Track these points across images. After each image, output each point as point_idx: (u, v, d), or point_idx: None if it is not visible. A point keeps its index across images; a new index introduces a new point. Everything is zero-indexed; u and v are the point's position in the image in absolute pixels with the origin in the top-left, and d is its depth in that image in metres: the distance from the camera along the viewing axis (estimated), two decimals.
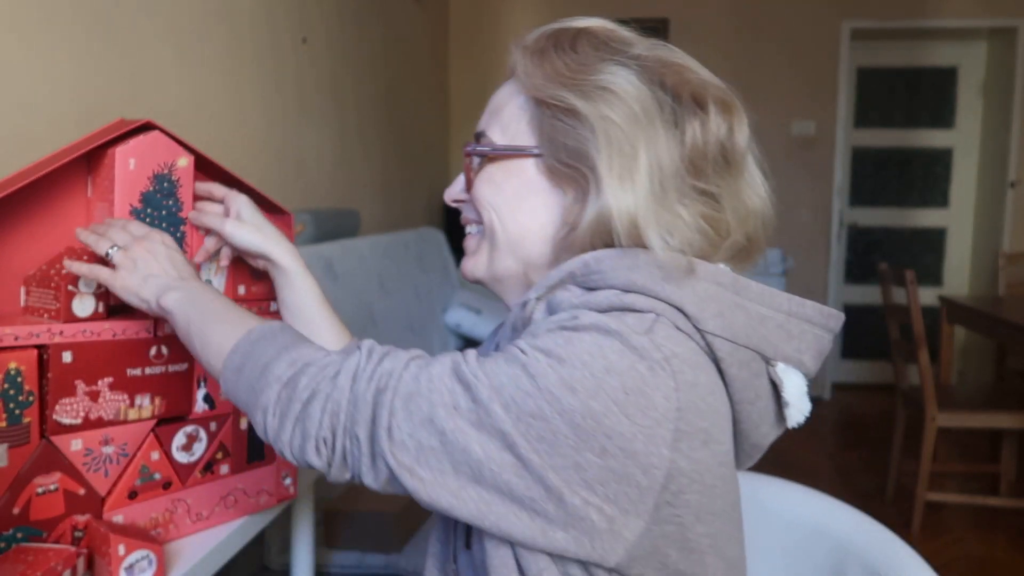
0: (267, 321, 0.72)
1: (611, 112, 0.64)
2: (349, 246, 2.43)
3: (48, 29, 1.32)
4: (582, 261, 0.65)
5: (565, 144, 0.66)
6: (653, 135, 0.64)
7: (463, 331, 3.14)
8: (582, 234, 0.66)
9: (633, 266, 0.63)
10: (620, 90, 0.65)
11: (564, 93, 0.66)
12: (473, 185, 0.72)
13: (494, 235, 0.71)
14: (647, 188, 0.63)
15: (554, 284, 0.66)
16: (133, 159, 0.83)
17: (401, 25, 3.48)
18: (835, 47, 4.36)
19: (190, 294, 0.75)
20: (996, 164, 4.39)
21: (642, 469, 0.57)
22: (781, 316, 0.66)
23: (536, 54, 0.69)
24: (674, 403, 0.58)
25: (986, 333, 2.93)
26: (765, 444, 0.70)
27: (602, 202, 0.64)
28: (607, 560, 0.59)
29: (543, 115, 0.68)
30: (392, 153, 3.36)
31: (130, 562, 0.78)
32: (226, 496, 0.96)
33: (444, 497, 0.59)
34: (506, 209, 0.70)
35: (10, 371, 0.75)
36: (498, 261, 0.72)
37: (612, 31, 0.71)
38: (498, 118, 0.72)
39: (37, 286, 0.81)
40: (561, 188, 0.68)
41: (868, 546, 0.89)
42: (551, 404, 0.57)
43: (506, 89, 0.73)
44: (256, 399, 0.65)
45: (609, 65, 0.66)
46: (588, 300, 0.63)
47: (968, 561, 2.56)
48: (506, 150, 0.71)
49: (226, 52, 1.94)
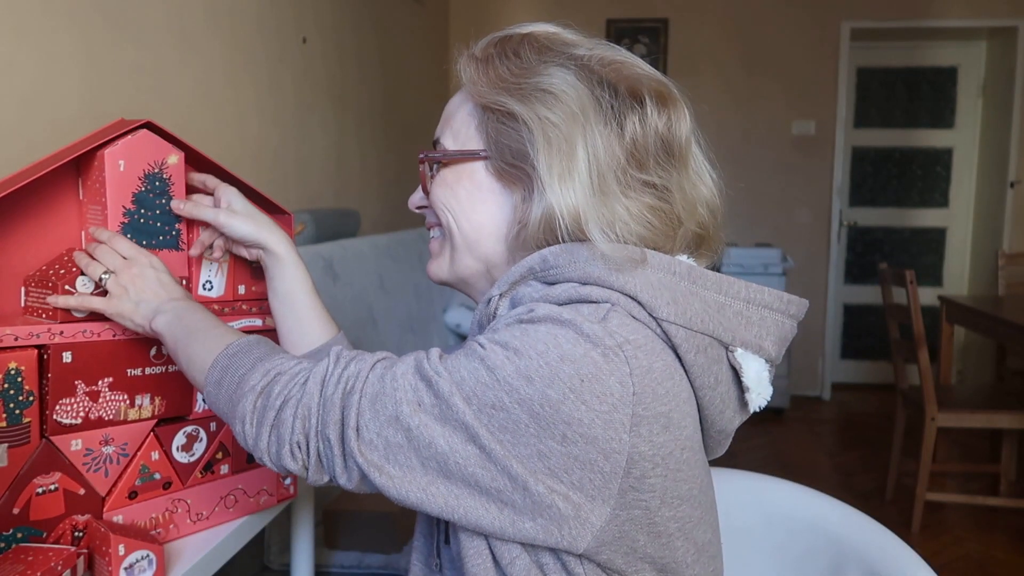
0: (245, 336, 0.75)
1: (549, 112, 0.67)
2: (349, 246, 2.43)
3: (49, 29, 1.32)
4: (540, 257, 0.68)
5: (509, 146, 0.70)
6: (591, 132, 0.67)
7: (463, 331, 3.14)
8: (533, 231, 0.69)
9: (589, 259, 0.65)
10: (557, 90, 0.67)
11: (505, 98, 0.69)
12: (431, 191, 0.76)
13: (452, 236, 0.75)
14: (587, 184, 0.66)
15: (515, 280, 0.69)
16: (123, 160, 0.83)
17: (401, 25, 3.48)
18: (835, 47, 4.36)
19: (177, 314, 0.78)
20: (996, 164, 4.39)
21: (603, 455, 0.59)
22: (739, 303, 0.68)
23: (482, 62, 0.73)
24: (630, 388, 0.60)
25: (986, 333, 2.93)
26: (731, 429, 0.72)
27: (546, 200, 0.66)
28: (576, 547, 0.61)
29: (488, 120, 0.71)
30: (392, 153, 3.36)
31: (130, 562, 0.78)
32: (226, 496, 0.96)
33: (414, 493, 0.61)
34: (461, 211, 0.74)
35: (10, 371, 0.75)
36: (459, 262, 0.75)
37: (555, 34, 0.74)
38: (449, 125, 0.76)
39: (36, 286, 0.81)
40: (509, 188, 0.71)
41: (868, 546, 0.89)
42: (509, 394, 0.59)
43: (457, 98, 0.77)
44: (234, 410, 0.68)
45: (549, 67, 0.69)
46: (548, 293, 0.65)
47: (968, 561, 2.56)
48: (456, 155, 0.74)
49: (226, 52, 1.94)
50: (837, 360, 4.77)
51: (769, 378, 0.70)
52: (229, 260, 0.94)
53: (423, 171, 0.76)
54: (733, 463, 1.03)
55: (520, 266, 0.69)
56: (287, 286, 0.88)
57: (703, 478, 0.69)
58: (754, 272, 3.96)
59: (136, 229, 0.85)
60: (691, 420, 0.66)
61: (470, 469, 0.60)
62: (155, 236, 0.87)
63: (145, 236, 0.86)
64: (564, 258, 0.66)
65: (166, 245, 0.88)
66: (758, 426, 3.86)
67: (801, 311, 0.71)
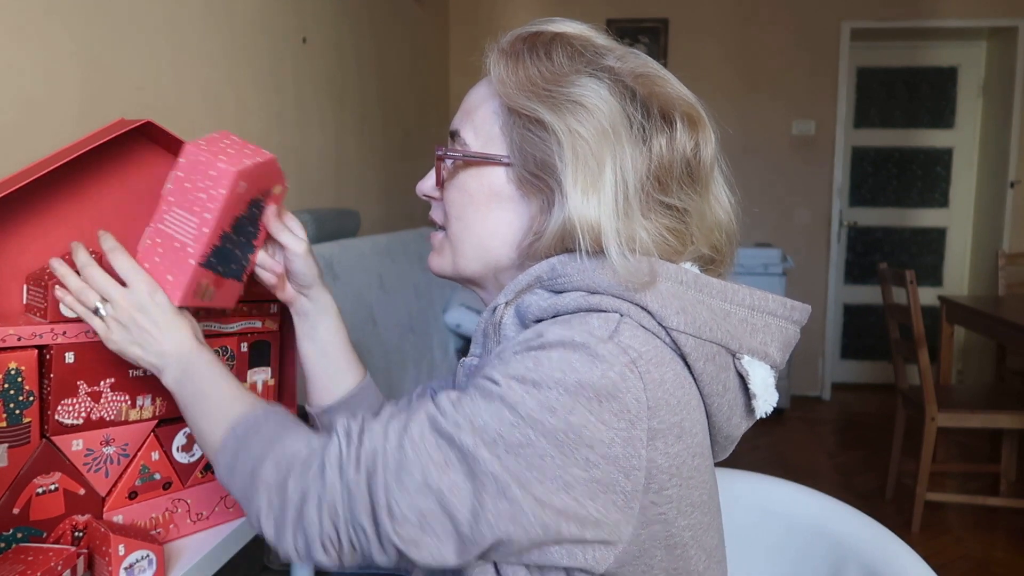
0: (250, 407, 0.72)
1: (580, 126, 0.65)
2: (349, 246, 2.42)
3: (49, 28, 1.32)
4: (549, 265, 0.67)
5: (534, 155, 0.68)
6: (620, 151, 0.65)
7: (463, 331, 3.14)
8: (547, 241, 0.68)
9: (598, 268, 0.65)
10: (590, 104, 0.66)
11: (535, 104, 0.67)
12: (444, 188, 0.74)
13: (460, 240, 0.74)
14: (611, 203, 0.65)
15: (522, 288, 0.69)
16: (246, 183, 0.76)
17: (401, 25, 3.48)
18: (835, 47, 4.36)
19: (183, 371, 0.75)
20: (996, 164, 4.39)
21: (624, 473, 0.59)
22: (744, 311, 0.68)
23: (511, 58, 0.70)
24: (644, 403, 0.59)
25: (986, 333, 2.93)
26: (737, 435, 0.73)
27: (566, 214, 0.65)
28: (597, 568, 0.61)
29: (514, 123, 0.69)
30: (392, 153, 3.36)
31: (130, 562, 0.78)
32: (226, 496, 0.96)
33: (451, 558, 0.60)
34: (474, 215, 0.72)
35: (10, 371, 0.75)
36: (463, 264, 0.75)
37: (588, 39, 0.72)
38: (471, 119, 0.73)
39: (34, 285, 0.81)
40: (528, 197, 0.70)
41: (868, 546, 0.89)
42: (535, 428, 0.58)
43: (481, 90, 0.74)
44: (249, 503, 0.66)
45: (582, 77, 0.67)
46: (556, 303, 0.65)
47: (968, 561, 2.56)
48: (478, 157, 0.72)
49: (226, 52, 1.94)
50: (837, 360, 4.77)
51: (774, 384, 0.70)
52: None
53: (439, 164, 0.74)
54: (733, 463, 1.03)
55: (528, 274, 0.69)
56: (327, 336, 0.88)
57: (711, 483, 0.69)
58: (754, 272, 3.96)
59: (221, 255, 0.78)
60: (700, 427, 0.66)
61: (503, 525, 0.59)
62: (230, 264, 0.80)
63: (223, 263, 0.79)
64: (573, 267, 0.66)
65: (233, 275, 0.82)
66: (758, 426, 3.84)
67: (804, 316, 0.71)
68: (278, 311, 0.98)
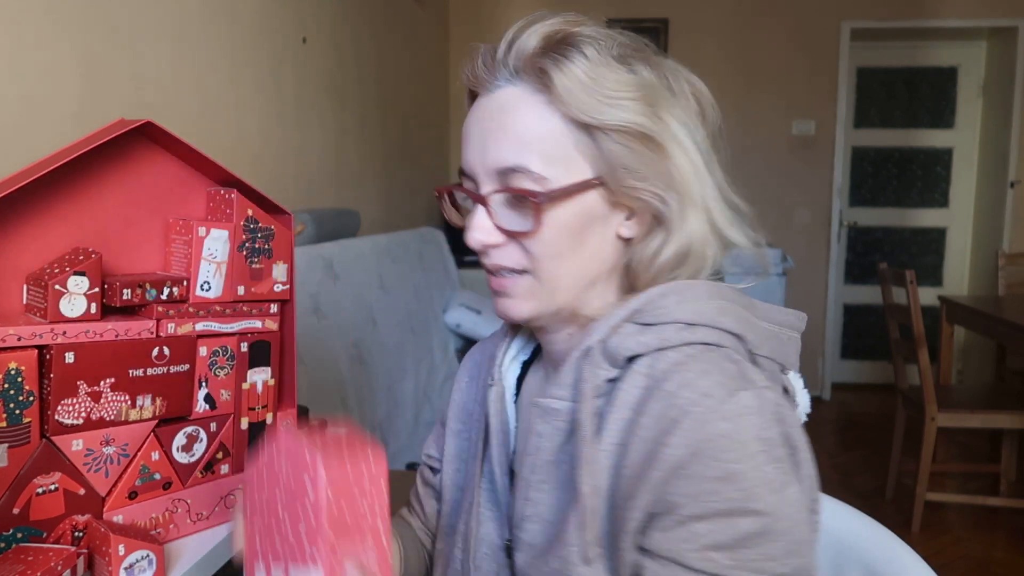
0: None
1: (676, 127, 0.64)
2: (349, 246, 2.42)
3: (49, 28, 1.32)
4: (647, 298, 0.65)
5: (626, 167, 0.63)
6: (710, 163, 0.67)
7: (463, 331, 3.14)
8: (646, 256, 0.66)
9: (696, 297, 0.64)
10: (674, 99, 0.66)
11: (620, 112, 0.62)
12: (536, 232, 0.64)
13: (557, 276, 0.66)
14: (717, 200, 0.66)
15: (616, 325, 0.65)
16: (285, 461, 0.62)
17: (401, 25, 3.48)
18: (835, 47, 4.36)
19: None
20: (996, 164, 4.40)
21: (808, 525, 0.59)
22: (776, 327, 0.69)
23: (564, 66, 0.63)
24: (802, 437, 0.61)
25: (986, 333, 2.93)
26: None
27: (685, 225, 0.65)
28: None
29: (599, 139, 0.63)
30: (392, 153, 3.36)
31: (130, 562, 0.78)
32: (226, 496, 0.96)
33: None
34: (572, 247, 0.65)
35: (10, 371, 0.75)
36: (559, 301, 0.68)
37: (639, 42, 0.70)
38: (532, 148, 0.64)
39: (34, 285, 0.81)
40: (620, 212, 0.66)
41: (868, 546, 0.89)
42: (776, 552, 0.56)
43: (530, 112, 0.64)
44: None
45: (667, 96, 0.65)
46: (661, 339, 0.63)
47: (968, 561, 2.56)
48: (574, 188, 0.64)
49: (226, 52, 1.94)
50: (837, 360, 4.77)
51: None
52: (228, 261, 0.94)
53: (515, 201, 0.65)
54: None
55: (625, 308, 0.65)
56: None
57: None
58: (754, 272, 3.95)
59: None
60: None
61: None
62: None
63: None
64: (673, 298, 0.64)
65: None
66: None
67: (804, 324, 0.73)
68: (278, 311, 0.98)
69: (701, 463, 0.57)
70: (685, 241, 0.65)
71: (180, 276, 0.89)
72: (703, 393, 0.58)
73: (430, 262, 3.18)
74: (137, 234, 0.90)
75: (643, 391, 0.62)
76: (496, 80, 0.67)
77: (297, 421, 1.03)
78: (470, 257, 3.91)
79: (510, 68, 0.66)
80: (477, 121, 0.68)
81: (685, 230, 0.65)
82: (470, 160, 0.68)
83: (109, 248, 0.87)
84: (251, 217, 0.93)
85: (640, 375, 0.63)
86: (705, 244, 0.66)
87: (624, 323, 0.65)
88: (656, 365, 0.62)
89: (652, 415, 0.60)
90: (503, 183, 0.65)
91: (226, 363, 0.93)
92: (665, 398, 0.60)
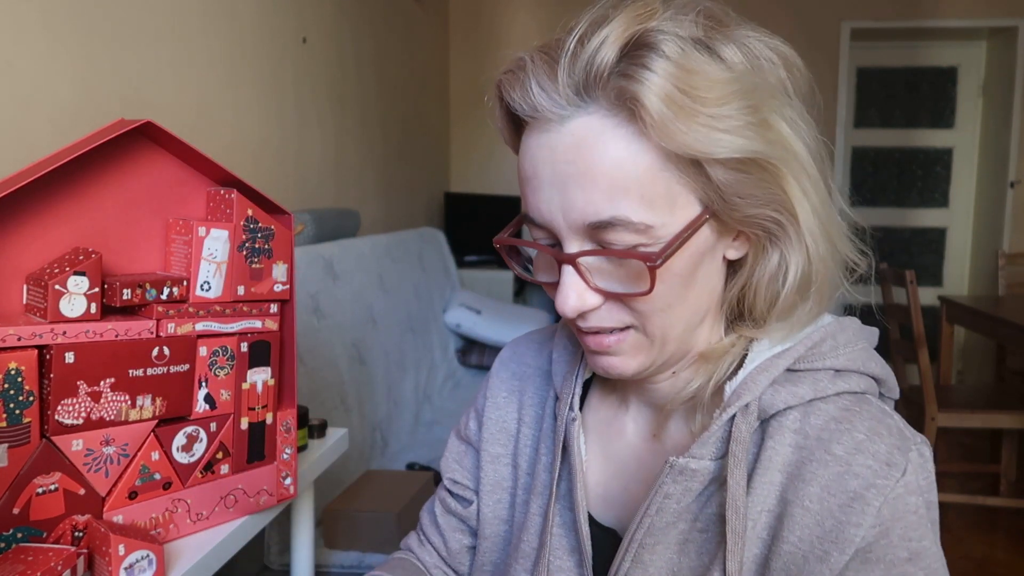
0: None
1: (794, 146, 0.55)
2: (349, 246, 2.43)
3: (48, 28, 1.32)
4: (809, 343, 0.59)
5: (751, 195, 0.54)
6: (822, 164, 0.58)
7: (463, 331, 3.14)
8: (764, 279, 0.58)
9: (848, 341, 0.60)
10: (790, 126, 0.56)
11: (743, 143, 0.51)
12: (651, 292, 0.54)
13: (670, 327, 0.58)
14: (833, 217, 0.59)
15: (777, 376, 0.58)
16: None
17: (401, 25, 3.48)
18: (835, 47, 4.36)
19: None
20: (996, 164, 4.39)
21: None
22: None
23: (675, 78, 0.50)
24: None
25: (986, 333, 2.93)
26: None
27: (796, 242, 0.57)
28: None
29: (706, 169, 0.53)
30: (392, 153, 3.36)
31: (130, 562, 0.78)
32: (226, 496, 0.96)
33: None
34: (683, 293, 0.57)
35: (10, 371, 0.75)
36: (670, 350, 0.60)
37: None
38: (631, 192, 0.52)
39: (34, 285, 0.81)
40: (728, 235, 0.58)
41: None
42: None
43: (620, 149, 0.52)
44: None
45: (766, 88, 0.55)
46: (815, 390, 0.57)
47: (968, 561, 2.56)
48: (687, 234, 0.54)
49: (226, 52, 1.94)
50: None
51: None
52: (228, 261, 0.94)
53: (611, 262, 0.56)
54: None
55: (784, 358, 0.58)
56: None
57: None
58: None
59: None
60: None
61: None
62: None
63: None
64: (829, 343, 0.59)
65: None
66: None
67: (876, 340, 0.71)
68: (278, 311, 0.98)
69: (892, 545, 0.53)
70: (803, 260, 0.57)
71: (180, 276, 0.89)
72: (884, 462, 0.53)
73: (430, 262, 3.18)
74: (137, 234, 0.90)
75: (794, 450, 0.56)
76: (562, 108, 0.53)
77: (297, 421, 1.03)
78: (470, 257, 3.92)
79: (580, 90, 0.52)
80: (547, 163, 0.54)
81: (803, 250, 0.57)
82: (543, 211, 0.55)
83: (109, 248, 0.87)
84: (251, 217, 0.93)
85: (789, 431, 0.57)
86: (826, 264, 0.58)
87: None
88: (809, 420, 0.57)
89: (820, 483, 0.54)
90: (597, 239, 0.54)
91: (226, 363, 0.93)
92: (836, 464, 0.54)
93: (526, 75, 0.54)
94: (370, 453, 2.13)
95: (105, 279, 0.84)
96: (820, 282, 0.58)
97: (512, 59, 0.56)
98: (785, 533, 0.55)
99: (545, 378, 0.75)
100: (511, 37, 4.30)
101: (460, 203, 4.10)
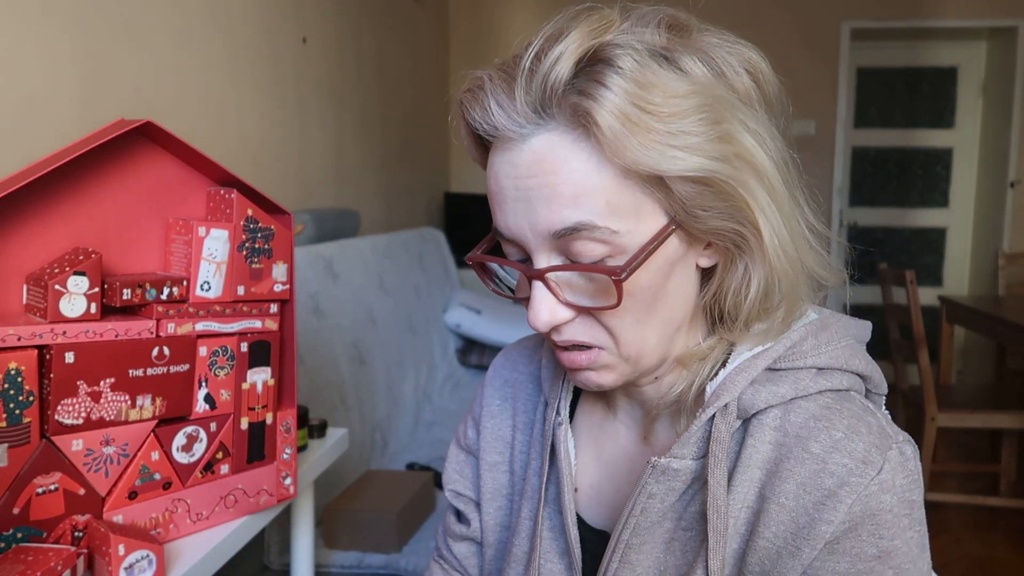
0: None
1: (757, 158, 0.54)
2: (349, 246, 2.43)
3: (48, 29, 1.32)
4: (788, 343, 0.59)
5: (713, 207, 0.53)
6: (788, 177, 0.58)
7: (463, 331, 3.14)
8: (732, 287, 0.58)
9: (831, 340, 0.60)
10: (754, 138, 0.55)
11: (700, 161, 0.51)
12: (619, 306, 0.54)
13: (643, 341, 0.58)
14: (798, 229, 0.58)
15: (755, 376, 0.58)
16: None
17: (401, 25, 3.48)
18: (835, 47, 4.36)
19: None
20: (996, 164, 4.39)
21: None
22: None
23: (629, 92, 0.50)
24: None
25: (986, 333, 2.93)
26: None
27: (759, 253, 0.56)
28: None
29: (667, 184, 0.52)
30: (392, 153, 3.36)
31: (130, 562, 0.78)
32: (226, 496, 0.96)
33: None
34: (653, 304, 0.56)
35: (10, 371, 0.75)
36: (645, 364, 0.60)
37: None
38: (597, 198, 0.52)
39: (34, 285, 0.81)
40: (698, 244, 0.57)
41: None
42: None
43: (578, 164, 0.52)
44: None
45: (729, 99, 0.54)
46: (796, 389, 0.57)
47: (968, 561, 2.56)
48: (654, 245, 0.53)
49: (226, 52, 1.94)
50: None
51: None
52: (228, 261, 0.94)
53: (580, 275, 0.55)
54: None
55: (763, 358, 0.58)
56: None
57: None
58: None
59: None
60: None
61: None
62: None
63: None
64: (811, 341, 0.59)
65: None
66: None
67: (869, 334, 0.71)
68: (278, 311, 0.98)
69: (860, 540, 0.53)
70: (765, 272, 0.57)
71: (180, 276, 0.89)
72: (861, 460, 0.54)
73: (430, 262, 3.18)
74: (137, 234, 0.90)
75: (774, 448, 0.57)
76: (522, 127, 0.53)
77: (297, 421, 1.03)
78: None
79: (538, 108, 0.52)
80: (511, 179, 0.54)
81: (765, 263, 0.56)
82: (512, 226, 0.55)
83: (109, 248, 0.87)
84: (251, 217, 0.93)
85: (769, 429, 0.57)
86: (789, 278, 0.57)
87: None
88: (789, 418, 0.57)
89: (797, 480, 0.55)
90: (565, 252, 0.54)
91: (226, 363, 0.93)
92: (812, 462, 0.55)
93: (485, 94, 0.54)
94: (370, 453, 2.13)
95: (105, 279, 0.84)
96: (785, 294, 0.58)
97: (472, 77, 0.56)
98: (761, 528, 0.56)
99: (537, 384, 0.76)
100: (511, 37, 4.30)
101: (460, 203, 4.10)
